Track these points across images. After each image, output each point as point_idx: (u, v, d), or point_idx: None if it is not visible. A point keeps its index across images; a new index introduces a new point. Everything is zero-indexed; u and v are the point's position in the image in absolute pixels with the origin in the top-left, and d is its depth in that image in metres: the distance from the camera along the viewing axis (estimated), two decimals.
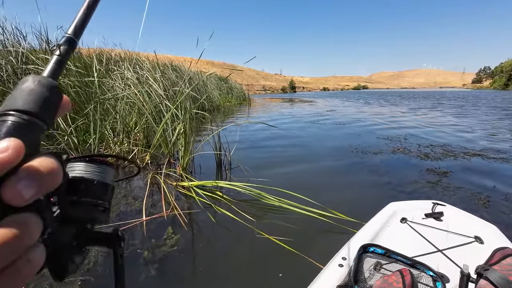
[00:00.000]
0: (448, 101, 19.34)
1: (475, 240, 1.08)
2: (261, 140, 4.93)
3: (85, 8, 0.26)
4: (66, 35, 0.25)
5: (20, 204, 0.15)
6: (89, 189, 0.23)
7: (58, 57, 0.23)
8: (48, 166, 0.17)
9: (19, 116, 0.17)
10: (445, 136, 5.28)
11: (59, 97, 0.20)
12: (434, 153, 3.94)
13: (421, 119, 8.25)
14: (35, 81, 0.19)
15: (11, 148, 0.15)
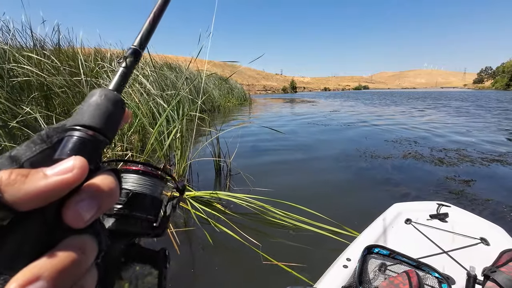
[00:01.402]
0: (453, 101, 19.01)
1: (480, 241, 1.06)
2: (263, 144, 4.66)
3: (150, 20, 0.27)
4: (132, 47, 0.26)
5: (80, 226, 0.15)
6: (140, 203, 0.23)
7: (123, 70, 0.24)
8: (108, 185, 0.16)
9: (85, 132, 0.18)
10: (456, 139, 5.01)
11: (122, 111, 0.21)
12: (449, 158, 3.67)
13: (428, 120, 7.96)
14: (101, 95, 0.20)
15: (76, 167, 0.15)
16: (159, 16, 0.28)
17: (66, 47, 4.80)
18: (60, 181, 0.14)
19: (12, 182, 0.13)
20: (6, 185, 0.13)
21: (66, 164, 0.15)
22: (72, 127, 0.18)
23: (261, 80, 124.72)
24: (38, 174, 0.14)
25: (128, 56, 0.25)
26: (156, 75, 3.85)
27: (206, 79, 12.38)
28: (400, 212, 1.33)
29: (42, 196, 0.14)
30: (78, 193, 0.15)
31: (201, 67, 11.20)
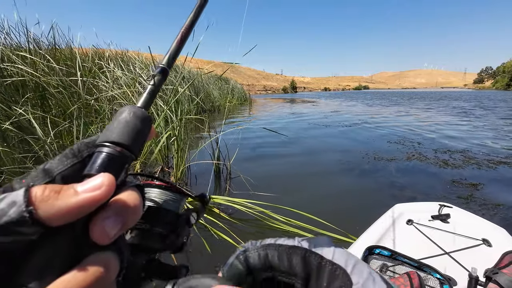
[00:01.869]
0: (455, 101, 18.91)
1: (482, 243, 1.04)
2: (264, 146, 4.55)
3: (178, 40, 0.28)
4: (161, 66, 0.26)
5: (105, 243, 0.15)
6: (161, 218, 0.23)
7: (152, 87, 0.24)
8: (133, 201, 0.17)
9: (114, 148, 0.18)
10: (461, 140, 4.92)
11: (149, 127, 0.21)
12: (454, 160, 3.58)
13: (431, 121, 7.87)
14: (130, 112, 0.20)
15: (105, 185, 0.15)
16: (187, 36, 0.29)
17: (64, 47, 4.72)
18: (89, 198, 0.15)
19: (46, 198, 0.14)
20: (40, 201, 0.13)
21: (95, 182, 0.15)
22: (101, 143, 0.18)
23: (261, 80, 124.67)
24: (69, 190, 0.14)
25: (157, 75, 0.25)
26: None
27: (206, 79, 12.31)
28: (401, 213, 1.31)
29: (73, 212, 0.14)
30: (105, 210, 0.16)
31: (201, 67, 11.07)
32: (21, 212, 0.13)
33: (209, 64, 10.77)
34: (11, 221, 0.13)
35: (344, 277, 0.18)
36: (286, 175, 3.07)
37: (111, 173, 0.16)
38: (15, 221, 0.13)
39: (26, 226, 0.13)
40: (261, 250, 0.21)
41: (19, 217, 0.13)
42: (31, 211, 0.13)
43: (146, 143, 2.15)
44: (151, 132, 0.22)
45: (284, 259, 0.20)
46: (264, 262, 0.21)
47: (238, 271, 0.21)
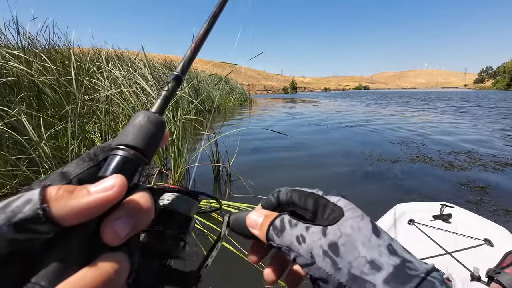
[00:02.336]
0: (457, 101, 18.82)
1: (484, 242, 1.04)
2: (264, 147, 4.45)
3: (192, 49, 0.30)
4: (175, 73, 0.28)
5: (115, 244, 0.15)
6: (175, 221, 0.24)
7: (166, 93, 0.25)
8: (144, 203, 0.17)
9: (128, 151, 0.19)
10: (465, 141, 4.83)
11: (163, 132, 0.22)
12: (460, 161, 3.50)
13: (433, 121, 7.78)
14: (144, 117, 0.21)
15: (116, 186, 0.16)
16: (200, 45, 0.31)
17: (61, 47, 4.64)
18: (101, 198, 0.15)
19: (60, 197, 0.14)
20: (54, 200, 0.14)
21: (107, 182, 0.16)
22: (116, 146, 0.19)
23: (261, 80, 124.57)
24: (82, 190, 0.15)
25: (171, 81, 0.26)
26: (151, 75, 3.68)
27: (206, 79, 12.23)
28: (403, 213, 1.31)
29: (85, 212, 0.14)
30: (116, 211, 0.16)
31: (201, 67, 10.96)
32: (35, 209, 0.13)
33: (208, 64, 10.73)
34: (25, 218, 0.13)
35: (340, 212, 0.22)
36: (288, 178, 2.98)
37: (124, 175, 0.17)
38: (29, 218, 0.13)
39: (40, 224, 0.13)
40: (289, 192, 0.27)
41: (33, 214, 0.13)
42: (45, 208, 0.13)
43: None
44: (165, 137, 0.23)
45: (302, 199, 0.25)
46: (289, 199, 0.26)
47: (271, 203, 0.28)
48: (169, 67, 8.21)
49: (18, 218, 0.13)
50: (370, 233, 0.20)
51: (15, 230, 0.13)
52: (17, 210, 0.13)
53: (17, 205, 0.13)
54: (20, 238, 0.13)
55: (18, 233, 0.13)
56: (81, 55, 4.92)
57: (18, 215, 0.13)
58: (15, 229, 0.13)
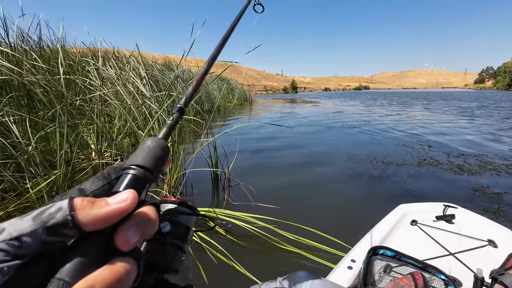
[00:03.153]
0: (459, 102, 18.64)
1: (488, 243, 1.03)
2: (265, 150, 4.28)
3: (194, 86, 0.35)
4: (178, 106, 0.32)
5: (126, 249, 0.18)
6: (176, 230, 0.26)
7: (171, 122, 0.30)
8: (152, 215, 0.20)
9: (138, 170, 0.21)
10: (473, 143, 4.67)
11: (167, 155, 0.25)
12: (469, 165, 3.35)
13: (438, 122, 7.61)
14: (153, 142, 0.24)
15: (129, 198, 0.18)
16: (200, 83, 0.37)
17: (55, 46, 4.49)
18: (117, 208, 0.18)
19: (84, 207, 0.17)
20: (79, 208, 0.17)
21: (122, 196, 0.18)
22: (128, 166, 0.22)
23: (261, 80, 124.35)
24: (102, 202, 0.18)
25: (175, 113, 0.31)
26: (146, 75, 3.53)
27: (207, 79, 12.07)
28: (405, 213, 1.30)
29: (104, 219, 0.17)
30: (128, 221, 0.18)
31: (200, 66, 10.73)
32: (65, 216, 0.16)
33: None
34: (57, 223, 0.16)
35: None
36: (290, 183, 2.83)
37: (135, 190, 0.19)
38: (60, 223, 0.16)
39: (68, 229, 0.16)
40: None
41: (64, 220, 0.16)
42: (73, 215, 0.16)
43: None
44: (168, 159, 0.26)
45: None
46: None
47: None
48: (168, 66, 8.07)
49: (51, 223, 0.16)
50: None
51: (47, 233, 0.15)
52: (51, 216, 0.16)
53: (50, 212, 0.16)
54: (50, 240, 0.16)
55: (50, 236, 0.16)
56: (77, 54, 4.78)
57: (51, 220, 0.16)
58: (48, 232, 0.15)
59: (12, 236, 0.15)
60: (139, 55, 3.26)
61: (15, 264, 0.14)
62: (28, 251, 0.15)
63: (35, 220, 0.16)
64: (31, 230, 0.15)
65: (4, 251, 0.14)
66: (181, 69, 6.51)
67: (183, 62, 2.91)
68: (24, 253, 0.15)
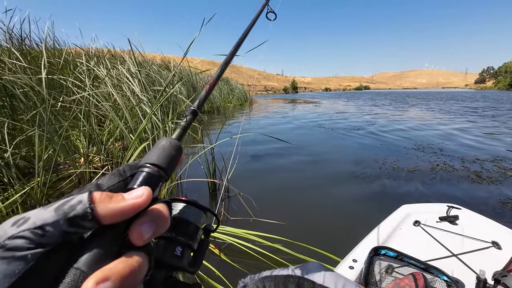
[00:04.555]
0: (463, 102, 18.37)
1: (492, 245, 1.00)
2: (266, 156, 3.99)
3: (207, 89, 0.37)
4: (192, 108, 0.34)
5: (139, 244, 0.18)
6: (185, 228, 0.26)
7: (184, 124, 0.31)
8: (164, 213, 0.20)
9: (152, 168, 0.22)
10: (487, 146, 4.42)
11: (180, 155, 0.26)
12: (488, 171, 3.10)
13: (447, 124, 7.35)
14: (167, 142, 0.25)
15: (144, 195, 0.19)
16: (213, 86, 0.38)
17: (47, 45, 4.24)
18: (133, 204, 0.18)
19: (102, 200, 0.17)
20: (98, 202, 0.17)
21: (138, 192, 0.19)
22: (143, 165, 0.22)
23: (262, 80, 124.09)
24: (119, 197, 0.18)
25: (188, 115, 0.33)
26: (139, 74, 3.29)
27: (207, 79, 11.85)
28: (408, 214, 1.29)
29: (120, 213, 0.18)
30: (142, 217, 0.19)
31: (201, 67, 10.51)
32: (85, 208, 0.17)
33: (209, 64, 10.28)
34: (78, 214, 0.16)
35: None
36: (294, 194, 2.57)
37: (150, 187, 0.20)
38: (80, 215, 0.16)
39: (87, 221, 0.17)
40: (259, 283, 0.23)
41: (84, 212, 0.17)
42: (92, 208, 0.17)
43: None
44: (180, 160, 0.26)
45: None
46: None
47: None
48: (166, 66, 7.82)
49: (72, 214, 0.16)
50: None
51: (68, 224, 0.16)
52: (72, 208, 0.16)
53: (71, 204, 0.17)
54: (70, 231, 0.16)
55: (70, 227, 0.16)
56: (69, 54, 4.54)
57: (72, 212, 0.16)
58: (69, 223, 0.16)
59: (36, 225, 0.15)
60: (131, 53, 3.02)
61: (38, 252, 0.15)
62: (50, 240, 0.16)
63: (57, 211, 0.16)
64: (54, 220, 0.16)
65: (28, 239, 0.15)
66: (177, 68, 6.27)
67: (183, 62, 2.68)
68: (46, 242, 0.16)
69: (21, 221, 0.16)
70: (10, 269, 0.14)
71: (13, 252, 0.15)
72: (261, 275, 0.24)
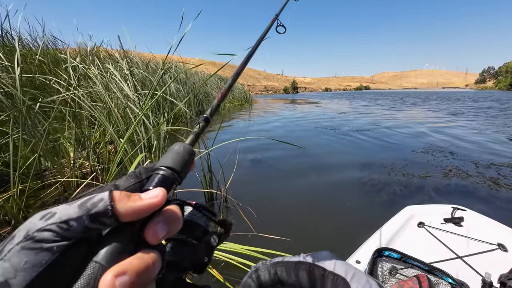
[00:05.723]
0: (468, 102, 18.14)
1: (498, 247, 0.98)
2: (267, 161, 3.73)
3: (219, 98, 0.39)
4: (205, 115, 0.35)
5: (154, 242, 0.19)
6: (194, 231, 0.27)
7: (197, 131, 0.33)
8: (178, 213, 0.21)
9: (167, 171, 0.23)
10: (500, 149, 4.21)
11: (193, 160, 0.27)
12: (505, 177, 2.89)
13: (454, 125, 7.14)
14: (181, 146, 0.26)
15: (160, 195, 0.20)
16: (225, 96, 0.40)
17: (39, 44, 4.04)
18: (149, 203, 0.19)
19: (121, 199, 0.18)
20: (117, 200, 0.18)
21: (154, 192, 0.20)
22: (159, 167, 0.23)
23: (262, 80, 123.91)
24: (136, 196, 0.19)
25: (201, 122, 0.34)
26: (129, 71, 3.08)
27: (204, 78, 11.64)
28: (412, 215, 1.27)
29: (138, 212, 0.19)
30: (157, 216, 0.20)
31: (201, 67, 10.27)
32: (106, 206, 0.18)
33: (209, 64, 10.06)
34: (99, 211, 0.17)
35: (344, 284, 0.19)
36: (299, 204, 2.36)
37: (165, 188, 0.21)
38: (101, 212, 0.17)
39: (107, 218, 0.18)
40: (271, 268, 0.24)
41: (105, 209, 0.17)
42: (113, 205, 0.18)
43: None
44: (193, 164, 0.27)
45: (292, 274, 0.22)
46: (274, 277, 0.23)
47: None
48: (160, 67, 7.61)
49: (94, 211, 0.17)
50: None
51: (90, 220, 0.17)
52: (94, 205, 0.17)
53: (93, 201, 0.18)
54: (92, 227, 0.17)
55: (92, 223, 0.17)
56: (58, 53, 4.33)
57: (94, 209, 0.17)
58: (91, 219, 0.17)
59: (62, 220, 0.17)
60: (122, 50, 2.82)
61: (63, 245, 0.16)
62: (73, 234, 0.17)
63: (81, 207, 0.17)
64: (77, 216, 0.17)
65: (55, 232, 0.16)
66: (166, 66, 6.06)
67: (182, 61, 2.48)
68: (70, 236, 0.17)
69: (49, 215, 0.17)
70: (38, 259, 0.15)
71: (41, 244, 0.16)
72: (273, 261, 0.24)
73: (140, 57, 5.31)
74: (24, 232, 0.16)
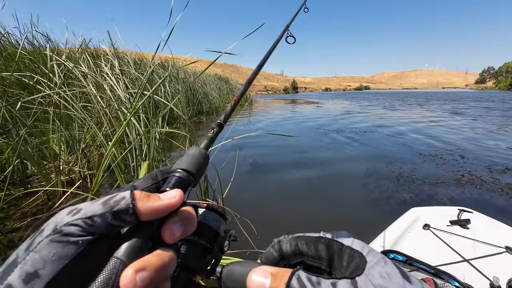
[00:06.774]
0: (470, 102, 17.95)
1: (506, 250, 0.94)
2: (267, 167, 3.47)
3: (232, 105, 0.40)
4: (218, 121, 0.37)
5: (170, 242, 0.20)
6: (205, 232, 0.27)
7: (211, 135, 0.34)
8: (193, 215, 0.22)
9: (183, 173, 0.24)
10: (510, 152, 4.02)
11: (207, 163, 0.28)
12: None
13: (462, 127, 6.94)
14: (197, 150, 0.27)
15: (178, 196, 0.21)
16: (237, 102, 0.42)
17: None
18: (167, 203, 0.20)
19: (142, 198, 0.19)
20: (138, 199, 0.19)
21: (172, 193, 0.21)
22: (175, 170, 0.25)
23: (262, 80, 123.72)
24: (155, 196, 0.20)
25: (215, 127, 0.35)
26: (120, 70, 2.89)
27: (205, 79, 11.47)
28: (418, 217, 1.24)
29: (156, 211, 0.19)
30: (174, 217, 0.21)
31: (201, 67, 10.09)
32: (128, 204, 0.18)
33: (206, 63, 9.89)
34: (121, 209, 0.18)
35: (361, 257, 0.20)
36: (301, 217, 2.17)
37: (181, 189, 0.22)
38: (123, 210, 0.18)
39: (128, 215, 0.18)
40: (292, 241, 0.24)
41: (126, 207, 0.18)
42: (134, 204, 0.19)
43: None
44: (206, 167, 0.28)
45: (312, 247, 0.23)
46: (295, 249, 0.24)
47: (273, 257, 0.25)
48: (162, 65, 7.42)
49: (116, 208, 0.18)
50: (401, 279, 0.18)
51: (112, 217, 0.18)
52: (116, 203, 0.18)
53: (116, 199, 0.19)
54: (114, 224, 0.18)
55: (114, 220, 0.18)
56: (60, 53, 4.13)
57: (117, 207, 0.18)
58: (113, 216, 0.18)
59: (87, 216, 0.17)
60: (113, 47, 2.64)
61: (87, 239, 0.17)
62: (97, 229, 0.17)
63: (104, 205, 0.18)
64: (101, 212, 0.18)
65: (80, 226, 0.17)
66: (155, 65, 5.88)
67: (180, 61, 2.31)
68: (94, 231, 0.17)
69: (75, 211, 0.18)
70: (65, 252, 0.16)
71: (68, 237, 0.17)
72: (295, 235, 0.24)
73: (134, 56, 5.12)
74: (52, 225, 0.17)
